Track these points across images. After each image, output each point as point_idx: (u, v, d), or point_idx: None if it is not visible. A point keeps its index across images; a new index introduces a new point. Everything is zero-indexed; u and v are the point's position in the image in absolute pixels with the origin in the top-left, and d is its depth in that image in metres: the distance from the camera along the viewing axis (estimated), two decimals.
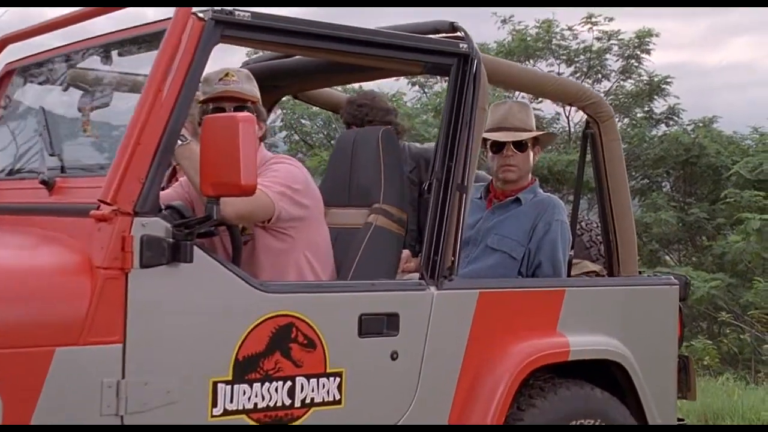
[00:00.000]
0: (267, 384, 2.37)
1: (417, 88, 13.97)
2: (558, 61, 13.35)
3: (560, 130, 13.23)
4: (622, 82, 13.57)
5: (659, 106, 13.33)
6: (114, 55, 2.70)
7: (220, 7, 2.34)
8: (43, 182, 2.47)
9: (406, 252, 3.10)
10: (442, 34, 2.84)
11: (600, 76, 13.36)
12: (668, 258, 12.50)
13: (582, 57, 13.34)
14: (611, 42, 13.27)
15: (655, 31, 13.15)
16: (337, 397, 2.48)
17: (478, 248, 3.22)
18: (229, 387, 2.32)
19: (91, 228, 2.20)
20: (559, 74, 11.92)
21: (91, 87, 2.77)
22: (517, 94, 9.85)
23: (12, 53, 3.03)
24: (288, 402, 2.41)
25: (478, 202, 3.32)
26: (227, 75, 2.72)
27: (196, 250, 2.26)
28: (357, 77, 3.39)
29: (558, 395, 2.85)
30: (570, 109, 13.10)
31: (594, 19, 13.02)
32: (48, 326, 2.11)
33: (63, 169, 2.54)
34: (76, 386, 2.12)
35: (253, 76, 2.79)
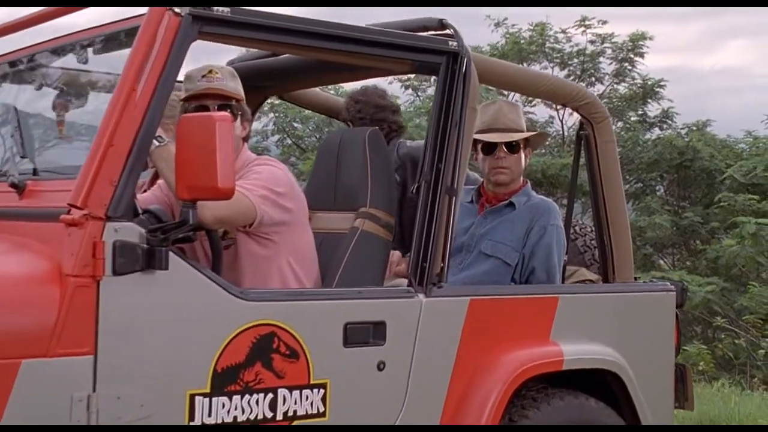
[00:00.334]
0: (247, 396, 2.30)
1: (410, 91, 13.95)
2: (551, 65, 13.40)
3: (554, 133, 13.22)
4: (615, 86, 13.65)
5: (653, 109, 13.47)
6: (90, 54, 2.61)
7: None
8: (13, 185, 2.38)
9: (397, 254, 3.01)
10: (431, 32, 2.76)
11: (593, 79, 13.43)
12: (662, 262, 12.53)
13: (575, 60, 13.40)
14: (605, 45, 13.35)
15: (649, 35, 13.21)
16: (321, 409, 2.41)
17: (471, 255, 3.14)
18: (207, 400, 2.25)
19: (61, 233, 2.12)
20: None
21: (65, 86, 2.68)
22: (511, 97, 9.81)
23: None
24: (270, 415, 2.34)
25: (470, 206, 3.24)
26: (210, 72, 2.65)
27: (172, 256, 2.18)
28: (344, 77, 3.31)
29: (551, 406, 2.80)
30: (564, 112, 13.15)
31: (587, 22, 13.06)
32: (13, 337, 2.02)
33: (35, 171, 2.46)
34: (44, 400, 2.04)
35: (237, 75, 2.71)
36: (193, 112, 2.51)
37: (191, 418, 2.21)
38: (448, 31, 2.73)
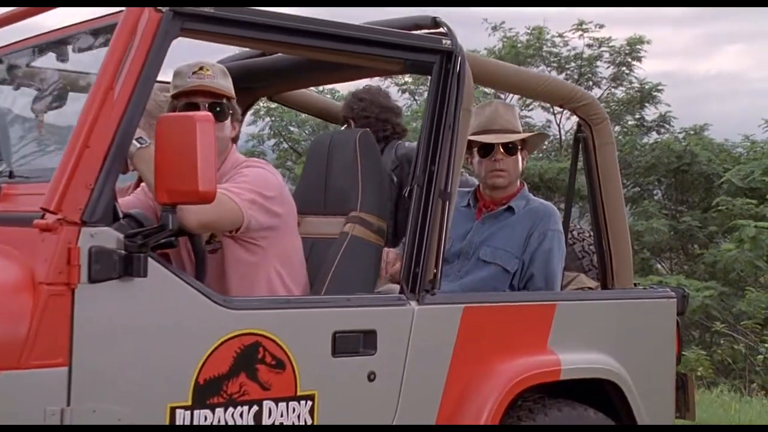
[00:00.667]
0: (231, 409, 2.21)
1: (407, 95, 13.90)
2: (549, 68, 13.36)
3: (551, 137, 13.18)
4: (613, 90, 13.63)
5: (650, 113, 13.47)
6: (69, 52, 2.52)
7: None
8: None
9: (393, 252, 2.91)
10: (424, 31, 2.67)
11: (591, 83, 13.38)
12: (660, 266, 12.49)
13: (573, 64, 13.39)
14: (602, 49, 13.35)
15: (646, 39, 13.19)
16: (309, 421, 2.33)
17: (469, 262, 3.04)
18: (188, 413, 2.16)
19: (35, 239, 2.02)
20: None
21: (44, 86, 2.59)
22: (508, 100, 9.73)
23: None
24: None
25: (466, 210, 3.14)
26: (201, 68, 2.57)
27: (151, 262, 2.09)
28: (335, 77, 3.23)
29: (549, 417, 2.72)
30: (561, 116, 13.10)
31: (584, 26, 13.03)
32: None
33: (11, 174, 2.38)
34: (14, 414, 1.94)
35: (228, 72, 2.63)
36: (182, 110, 2.42)
37: None
38: (441, 30, 2.65)
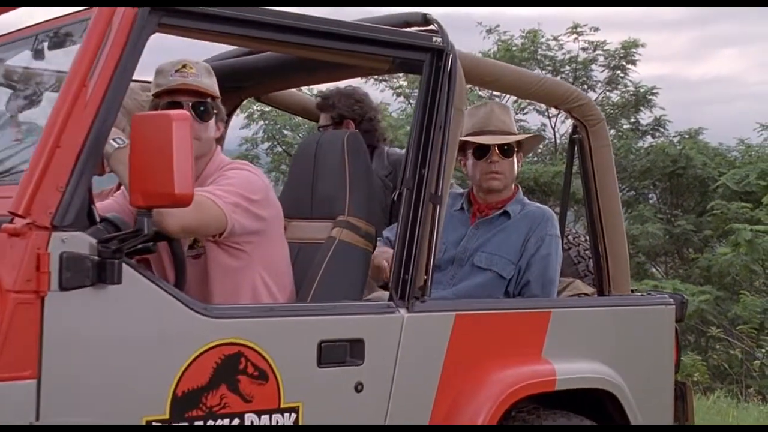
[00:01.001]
0: (211, 422, 2.13)
1: (402, 98, 13.84)
2: (544, 72, 13.29)
3: (546, 141, 13.13)
4: (608, 93, 13.63)
5: (645, 117, 13.48)
6: (45, 50, 2.42)
7: None
8: None
9: (390, 252, 2.77)
10: (414, 28, 2.58)
11: (586, 86, 13.37)
12: (655, 270, 12.46)
13: (568, 67, 13.37)
14: (597, 52, 13.34)
15: (641, 42, 13.17)
16: None
17: (463, 269, 2.94)
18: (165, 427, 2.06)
19: (3, 244, 1.92)
20: None
21: (18, 85, 2.49)
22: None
23: None
24: None
25: (459, 214, 3.04)
26: (185, 66, 2.48)
27: (126, 269, 2.00)
28: (322, 77, 3.13)
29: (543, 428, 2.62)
30: (556, 119, 13.06)
31: (579, 29, 13.02)
32: None
33: None
34: None
35: (212, 71, 2.54)
36: (164, 110, 2.33)
37: None
38: (432, 27, 2.56)
